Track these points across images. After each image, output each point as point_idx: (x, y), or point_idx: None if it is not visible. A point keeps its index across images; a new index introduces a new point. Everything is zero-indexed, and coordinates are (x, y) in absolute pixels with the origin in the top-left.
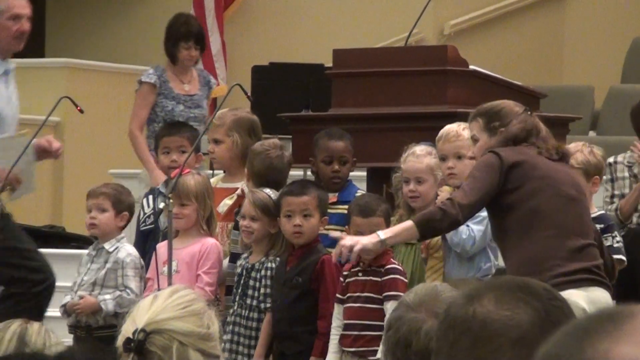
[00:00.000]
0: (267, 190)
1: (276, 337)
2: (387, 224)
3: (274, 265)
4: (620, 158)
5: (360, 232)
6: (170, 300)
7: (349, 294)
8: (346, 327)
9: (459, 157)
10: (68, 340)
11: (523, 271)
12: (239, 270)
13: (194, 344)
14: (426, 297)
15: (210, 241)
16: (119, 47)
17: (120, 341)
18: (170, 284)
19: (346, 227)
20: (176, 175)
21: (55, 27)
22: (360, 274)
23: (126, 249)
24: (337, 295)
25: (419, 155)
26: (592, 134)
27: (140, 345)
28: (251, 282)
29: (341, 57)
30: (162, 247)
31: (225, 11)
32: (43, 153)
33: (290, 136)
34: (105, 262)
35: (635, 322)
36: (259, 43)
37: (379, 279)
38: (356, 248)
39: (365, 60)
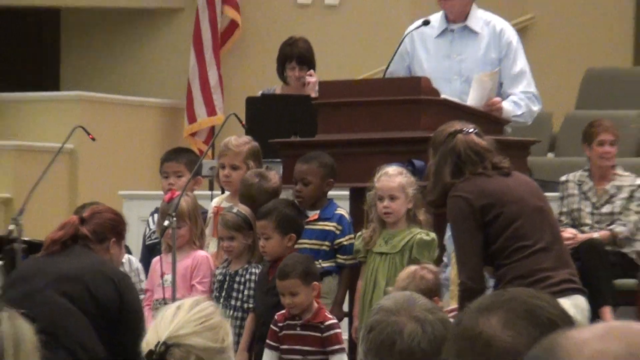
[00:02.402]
0: (235, 209)
1: (260, 338)
2: (305, 282)
3: (256, 270)
4: (571, 177)
5: (281, 292)
6: (191, 314)
7: (288, 346)
8: None
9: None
10: None
11: (518, 285)
12: (220, 277)
13: (210, 357)
14: (404, 303)
15: (201, 254)
16: (126, 81)
17: (144, 349)
18: (173, 294)
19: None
20: (172, 197)
21: (69, 62)
22: (298, 329)
23: (128, 257)
24: (269, 342)
25: (391, 175)
26: (550, 155)
27: (161, 357)
28: (235, 286)
29: (326, 88)
30: (156, 263)
31: (222, 48)
32: None
33: (280, 160)
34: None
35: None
36: (252, 76)
37: (320, 335)
38: None
39: (347, 91)
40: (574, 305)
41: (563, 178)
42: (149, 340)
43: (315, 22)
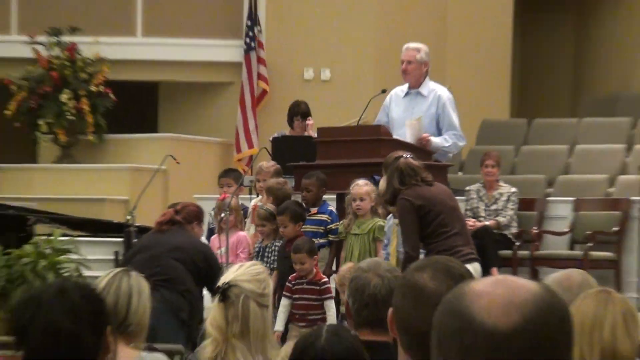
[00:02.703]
0: (265, 207)
1: (280, 287)
2: (310, 256)
3: (278, 244)
4: (472, 187)
5: (294, 262)
6: (248, 270)
7: (298, 296)
8: (300, 315)
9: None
10: None
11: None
12: (256, 249)
13: (254, 298)
14: (372, 265)
15: (241, 234)
16: (198, 126)
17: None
18: (227, 259)
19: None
20: (224, 198)
21: (164, 114)
22: (305, 284)
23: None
24: (285, 293)
25: (361, 185)
26: (460, 173)
27: (224, 291)
28: (265, 254)
29: (322, 131)
30: (214, 239)
31: (257, 107)
32: None
33: (293, 175)
34: None
35: (472, 284)
36: (275, 125)
37: (318, 288)
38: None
39: (335, 133)
40: (473, 269)
41: (467, 188)
42: (220, 283)
43: (315, 90)
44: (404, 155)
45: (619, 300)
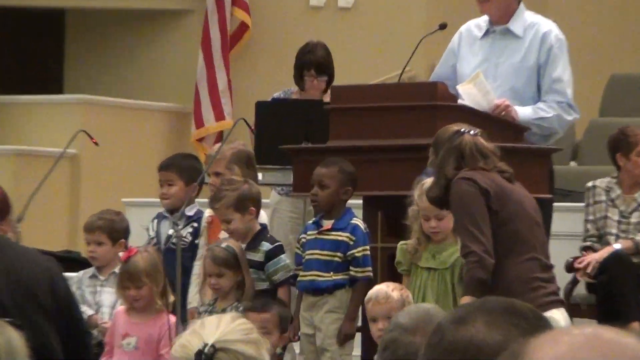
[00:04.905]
0: (224, 245)
1: None
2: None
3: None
4: (598, 182)
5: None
6: (234, 325)
7: None
8: None
9: (389, 317)
10: None
11: (513, 290)
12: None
13: None
14: (420, 321)
15: (170, 319)
16: (131, 84)
17: (180, 352)
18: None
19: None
20: (130, 255)
21: (73, 65)
22: None
23: None
24: None
25: None
26: (573, 164)
27: (209, 358)
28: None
29: (338, 93)
30: (121, 316)
31: (231, 50)
32: None
33: (290, 167)
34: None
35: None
36: (262, 80)
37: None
38: None
39: (360, 96)
40: (559, 317)
41: (590, 184)
42: (190, 344)
43: (328, 24)
44: (471, 131)
45: None
